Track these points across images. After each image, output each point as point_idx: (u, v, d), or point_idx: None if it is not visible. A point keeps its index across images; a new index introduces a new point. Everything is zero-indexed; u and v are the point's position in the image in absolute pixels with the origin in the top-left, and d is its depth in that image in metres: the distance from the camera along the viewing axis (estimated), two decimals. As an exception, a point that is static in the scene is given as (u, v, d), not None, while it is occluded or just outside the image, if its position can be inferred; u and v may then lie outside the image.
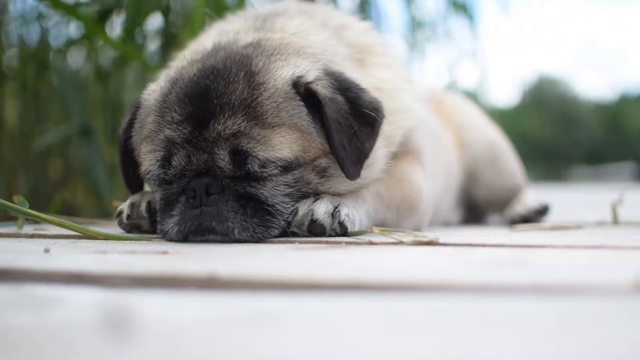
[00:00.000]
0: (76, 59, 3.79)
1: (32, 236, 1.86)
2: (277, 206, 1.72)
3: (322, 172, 1.77)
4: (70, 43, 3.73)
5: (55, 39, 3.90)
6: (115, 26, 3.75)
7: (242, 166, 1.68)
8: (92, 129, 3.31)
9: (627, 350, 0.68)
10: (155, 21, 3.80)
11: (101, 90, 3.71)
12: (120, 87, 3.77)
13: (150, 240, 1.74)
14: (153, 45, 3.82)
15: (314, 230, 1.71)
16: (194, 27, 2.91)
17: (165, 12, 3.60)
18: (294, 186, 1.74)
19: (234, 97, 1.70)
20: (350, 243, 1.61)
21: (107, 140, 3.57)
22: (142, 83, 3.47)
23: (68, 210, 3.28)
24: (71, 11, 3.36)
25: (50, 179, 3.76)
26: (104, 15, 3.56)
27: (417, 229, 2.03)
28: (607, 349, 0.68)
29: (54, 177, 3.79)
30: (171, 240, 1.72)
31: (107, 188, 3.20)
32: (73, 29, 3.82)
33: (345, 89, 1.80)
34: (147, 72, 3.40)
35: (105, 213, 3.17)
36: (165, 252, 1.43)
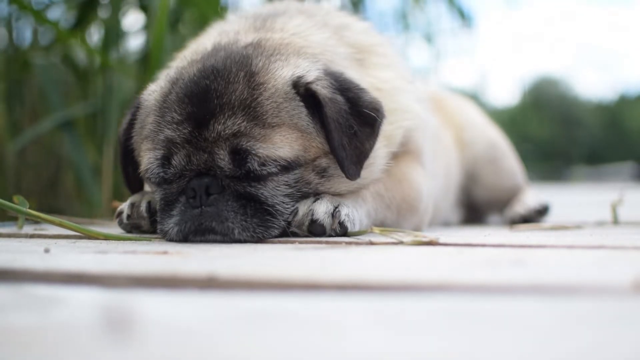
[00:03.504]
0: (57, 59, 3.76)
1: (32, 236, 1.86)
2: (277, 206, 1.72)
3: (322, 172, 1.77)
4: (54, 44, 3.70)
5: (43, 38, 3.88)
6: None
7: (242, 165, 1.68)
8: (72, 122, 3.26)
9: (627, 350, 0.68)
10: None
11: (81, 91, 3.68)
12: (104, 89, 3.74)
13: (150, 241, 1.74)
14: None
15: (314, 230, 1.71)
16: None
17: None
18: (294, 186, 1.74)
19: (234, 97, 1.70)
20: (350, 243, 1.61)
21: (88, 140, 3.55)
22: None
23: (59, 210, 3.27)
24: (38, 17, 3.33)
25: (42, 179, 3.74)
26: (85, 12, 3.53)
27: (417, 229, 2.03)
28: (607, 349, 0.68)
29: (44, 176, 3.77)
30: (171, 240, 1.72)
31: (92, 187, 3.18)
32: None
33: (345, 89, 1.80)
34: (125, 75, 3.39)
35: (92, 211, 3.17)
36: (165, 252, 1.43)
